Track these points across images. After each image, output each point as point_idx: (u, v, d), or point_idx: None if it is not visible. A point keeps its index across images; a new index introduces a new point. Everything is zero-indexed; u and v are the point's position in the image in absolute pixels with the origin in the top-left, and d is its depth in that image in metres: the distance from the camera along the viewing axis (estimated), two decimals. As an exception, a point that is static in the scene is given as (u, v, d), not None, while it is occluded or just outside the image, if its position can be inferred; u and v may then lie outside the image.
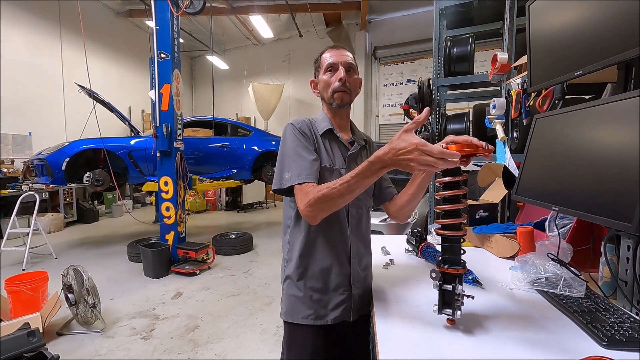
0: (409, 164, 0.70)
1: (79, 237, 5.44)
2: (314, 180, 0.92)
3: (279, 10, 7.34)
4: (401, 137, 0.71)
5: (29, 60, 6.02)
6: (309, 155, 0.96)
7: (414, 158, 0.68)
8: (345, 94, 1.04)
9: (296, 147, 0.97)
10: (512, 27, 2.13)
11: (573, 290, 0.93)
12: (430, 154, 0.67)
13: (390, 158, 0.72)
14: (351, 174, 0.80)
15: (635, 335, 0.71)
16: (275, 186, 0.98)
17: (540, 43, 1.21)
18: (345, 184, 0.81)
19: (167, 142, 3.74)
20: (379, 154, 0.74)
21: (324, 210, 0.88)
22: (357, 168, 0.79)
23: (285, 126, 1.03)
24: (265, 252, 4.66)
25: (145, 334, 2.50)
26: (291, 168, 0.95)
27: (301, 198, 0.90)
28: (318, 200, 0.85)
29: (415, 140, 0.69)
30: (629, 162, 0.76)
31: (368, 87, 8.35)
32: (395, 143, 0.71)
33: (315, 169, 0.94)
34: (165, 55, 3.72)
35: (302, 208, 0.89)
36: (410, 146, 0.68)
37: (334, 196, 0.83)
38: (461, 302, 0.77)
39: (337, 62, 1.04)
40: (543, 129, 1.13)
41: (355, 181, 0.79)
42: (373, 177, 0.78)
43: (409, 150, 0.69)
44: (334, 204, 0.86)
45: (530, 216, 1.57)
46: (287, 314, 1.05)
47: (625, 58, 0.85)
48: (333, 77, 1.04)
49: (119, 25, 7.97)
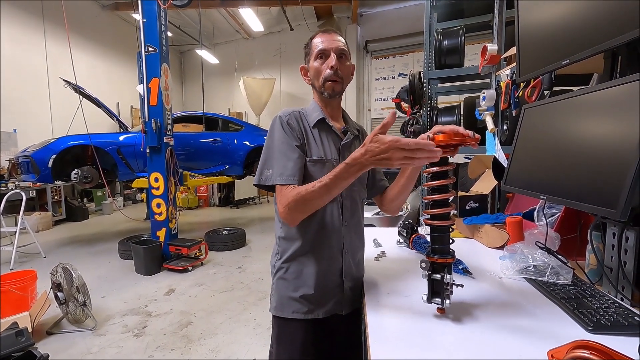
0: (387, 162, 0.71)
1: (68, 235, 5.35)
2: (294, 182, 0.91)
3: (270, 4, 7.25)
4: (373, 139, 0.72)
5: (12, 55, 5.84)
6: (292, 153, 0.94)
7: (390, 156, 0.69)
8: (336, 83, 1.00)
9: (281, 143, 0.95)
10: (502, 18, 2.14)
11: (560, 277, 0.94)
12: (406, 146, 0.67)
13: (367, 159, 0.73)
14: (329, 175, 0.81)
15: (619, 320, 0.73)
16: (255, 181, 0.98)
17: (529, 33, 1.21)
18: (324, 185, 0.81)
19: (156, 138, 3.69)
20: (355, 155, 0.75)
21: (302, 212, 0.89)
22: (335, 169, 0.80)
23: (274, 118, 1.00)
24: (259, 248, 4.66)
25: (138, 331, 2.48)
26: (272, 165, 0.94)
27: (280, 200, 0.90)
28: (296, 202, 0.86)
29: (387, 138, 0.69)
30: (613, 150, 0.77)
31: (360, 81, 8.33)
32: (369, 145, 0.72)
33: (297, 168, 0.93)
34: (153, 49, 3.64)
35: (280, 210, 0.90)
36: (384, 145, 0.69)
37: (312, 198, 0.84)
38: (450, 291, 0.77)
39: (329, 49, 0.99)
40: (531, 119, 1.14)
41: (333, 183, 0.80)
42: (350, 179, 0.79)
43: (383, 150, 0.70)
44: (312, 206, 0.87)
45: (519, 206, 1.59)
46: (277, 308, 1.04)
47: (610, 46, 0.85)
48: (324, 65, 0.99)
49: (105, 19, 7.79)
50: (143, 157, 4.15)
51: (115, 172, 4.49)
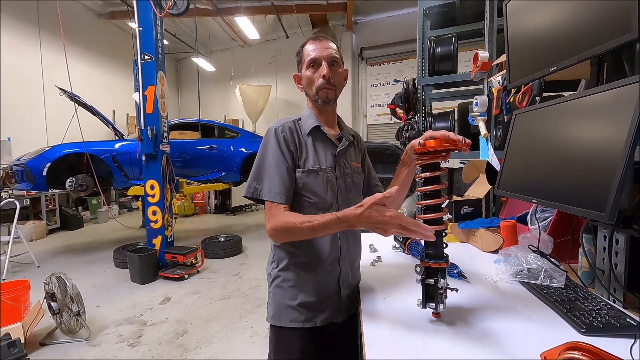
0: (381, 232, 0.76)
1: (63, 244, 5.29)
2: (282, 201, 0.93)
3: (265, 12, 7.32)
4: (373, 207, 0.76)
5: (7, 63, 5.83)
6: (283, 170, 0.95)
7: (387, 228, 0.75)
8: (330, 90, 1.00)
9: (272, 158, 0.96)
10: (493, 26, 2.18)
11: (554, 280, 0.95)
12: (406, 225, 0.73)
13: (361, 222, 0.78)
14: (318, 219, 0.84)
15: (611, 322, 0.74)
16: (245, 193, 0.99)
17: (518, 41, 1.24)
18: (311, 227, 0.85)
19: (152, 145, 3.68)
20: (350, 215, 0.79)
21: (287, 239, 0.94)
22: (325, 217, 0.83)
23: (268, 130, 1.00)
24: (255, 255, 4.63)
25: (133, 341, 2.44)
26: (262, 180, 0.96)
27: (268, 217, 0.93)
28: (283, 230, 0.89)
29: (389, 212, 0.75)
30: (601, 153, 0.78)
31: (355, 87, 8.40)
32: (368, 211, 0.76)
33: (286, 185, 0.94)
34: (149, 57, 3.66)
35: (267, 228, 0.93)
36: (384, 217, 0.75)
37: (298, 233, 0.88)
38: (445, 296, 0.78)
39: (320, 57, 0.98)
40: (522, 124, 1.16)
41: (320, 228, 0.85)
42: (336, 230, 0.85)
43: (382, 221, 0.75)
44: (297, 238, 0.91)
45: (513, 210, 1.60)
46: (275, 317, 1.03)
47: (595, 53, 0.88)
48: (316, 74, 0.99)
49: (101, 27, 7.81)
50: (139, 165, 4.13)
51: (111, 180, 4.46)
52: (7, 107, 5.81)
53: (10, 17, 5.91)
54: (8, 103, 5.83)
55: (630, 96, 0.72)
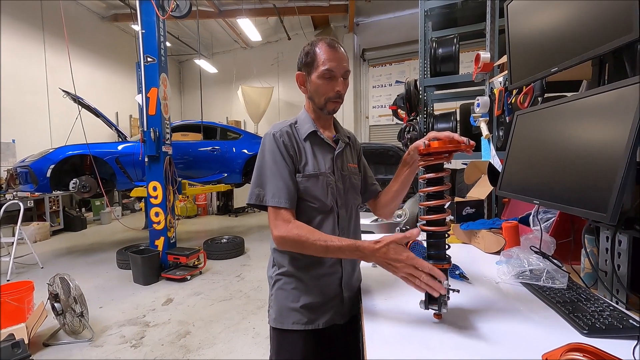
0: (393, 270, 0.78)
1: (66, 245, 5.32)
2: (287, 205, 0.93)
3: (267, 14, 7.34)
4: (391, 246, 0.78)
5: (12, 66, 5.88)
6: (285, 173, 0.94)
7: (400, 268, 0.77)
8: (338, 104, 1.01)
9: (273, 163, 0.95)
10: (494, 27, 2.18)
11: (556, 281, 0.95)
12: (420, 268, 0.75)
13: (377, 257, 0.80)
14: (335, 242, 0.85)
15: (614, 323, 0.73)
16: (248, 200, 0.98)
17: (519, 42, 1.24)
18: (325, 247, 0.86)
19: (155, 147, 3.70)
20: (367, 248, 0.81)
21: (295, 250, 0.94)
22: (344, 242, 0.85)
23: (265, 135, 1.00)
24: (258, 256, 4.63)
25: (135, 342, 2.45)
26: (265, 186, 0.95)
27: (275, 224, 0.92)
28: (294, 242, 0.90)
29: (406, 253, 0.77)
30: (602, 154, 0.78)
31: (357, 89, 8.40)
32: (385, 248, 0.78)
33: (290, 190, 0.94)
34: (152, 59, 3.68)
35: (275, 235, 0.92)
36: (401, 257, 0.77)
37: (309, 248, 0.88)
38: (447, 297, 0.78)
39: (337, 71, 0.95)
40: (524, 124, 1.15)
41: (333, 250, 0.86)
42: (348, 257, 0.89)
43: (398, 260, 0.77)
44: (307, 252, 0.91)
45: (515, 211, 1.60)
46: (277, 320, 1.02)
47: (596, 54, 0.87)
48: (329, 86, 0.97)
49: (105, 30, 7.87)
50: (142, 166, 4.16)
51: (114, 182, 4.48)
52: (12, 109, 5.86)
53: (14, 20, 5.96)
54: (13, 106, 5.88)
55: (631, 97, 0.72)
